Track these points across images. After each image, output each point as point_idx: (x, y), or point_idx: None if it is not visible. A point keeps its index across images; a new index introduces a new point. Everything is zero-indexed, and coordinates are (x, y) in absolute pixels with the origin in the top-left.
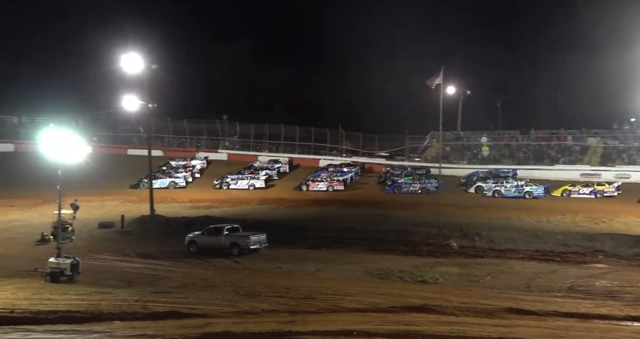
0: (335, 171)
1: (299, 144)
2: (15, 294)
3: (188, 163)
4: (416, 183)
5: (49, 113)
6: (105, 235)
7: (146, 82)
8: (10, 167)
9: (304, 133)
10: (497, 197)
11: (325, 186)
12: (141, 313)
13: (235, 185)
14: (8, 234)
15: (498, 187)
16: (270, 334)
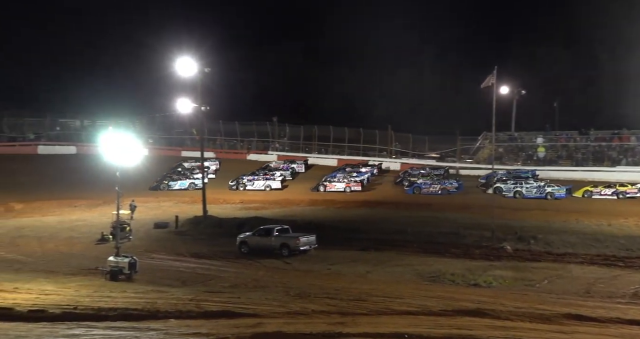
0: (352, 172)
1: (348, 146)
2: (78, 291)
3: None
4: (436, 184)
5: (109, 116)
6: (160, 235)
7: (199, 85)
8: (73, 169)
9: (353, 134)
10: (518, 198)
11: (343, 186)
12: (195, 312)
13: (252, 186)
14: (71, 234)
15: (519, 187)
16: (320, 335)
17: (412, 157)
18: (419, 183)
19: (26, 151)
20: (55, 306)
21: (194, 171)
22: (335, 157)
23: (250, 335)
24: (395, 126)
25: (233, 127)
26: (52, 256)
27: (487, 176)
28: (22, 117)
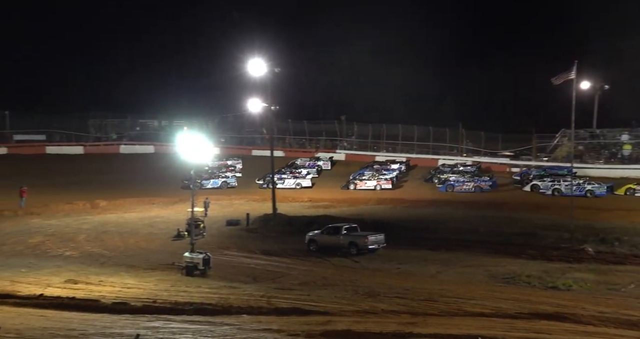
0: (381, 169)
1: (417, 144)
2: (157, 285)
3: (224, 163)
4: (469, 181)
5: (184, 117)
6: (232, 232)
7: (269, 85)
8: (152, 168)
9: (423, 133)
10: (556, 196)
11: (374, 184)
12: (266, 308)
13: (283, 184)
14: (150, 230)
15: (557, 185)
16: (391, 334)
17: (484, 155)
18: (452, 181)
19: (109, 151)
20: (136, 299)
21: (220, 170)
22: (403, 156)
23: (320, 332)
24: (467, 124)
25: (302, 126)
26: (133, 251)
27: (522, 173)
28: (106, 118)
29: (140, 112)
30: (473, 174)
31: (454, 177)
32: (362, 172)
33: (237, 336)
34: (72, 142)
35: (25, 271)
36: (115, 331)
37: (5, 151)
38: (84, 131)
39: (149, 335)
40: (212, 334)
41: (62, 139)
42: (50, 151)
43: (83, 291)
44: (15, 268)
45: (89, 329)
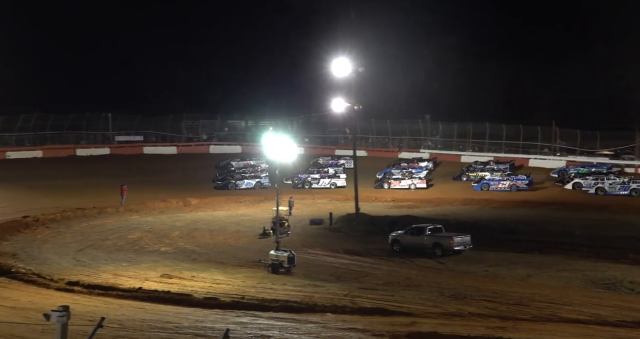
0: (409, 167)
1: (506, 143)
2: (245, 282)
3: (247, 163)
4: (505, 180)
5: (270, 117)
6: (315, 231)
7: (353, 84)
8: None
9: (512, 131)
10: (600, 195)
11: (408, 183)
12: (350, 308)
13: (318, 184)
14: (237, 228)
15: (600, 183)
16: (479, 338)
17: (580, 154)
18: (487, 180)
19: (200, 151)
20: (226, 295)
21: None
22: (491, 155)
23: (405, 334)
24: (561, 122)
25: (385, 125)
26: (222, 248)
27: (559, 170)
28: (197, 120)
29: (229, 114)
30: (504, 172)
31: (488, 176)
32: (389, 170)
33: (321, 334)
34: (167, 142)
35: (125, 265)
36: (207, 325)
37: (107, 151)
38: (177, 132)
39: (238, 330)
40: (298, 331)
41: (158, 139)
42: (147, 151)
43: (177, 285)
44: (117, 261)
45: (183, 323)
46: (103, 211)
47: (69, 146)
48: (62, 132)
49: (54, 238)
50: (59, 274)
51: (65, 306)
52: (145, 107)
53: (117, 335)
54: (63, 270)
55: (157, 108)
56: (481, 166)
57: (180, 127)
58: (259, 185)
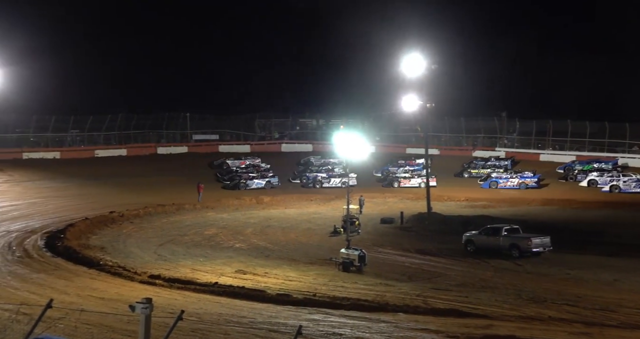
0: (405, 164)
1: (589, 141)
2: (316, 279)
3: (243, 162)
4: (514, 178)
5: (341, 116)
6: (386, 230)
7: (426, 82)
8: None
9: (596, 129)
10: (614, 193)
11: (418, 182)
12: (422, 308)
13: (329, 183)
14: (309, 225)
15: (615, 181)
16: None
17: None
18: (494, 177)
19: (272, 149)
20: (298, 292)
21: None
22: (573, 153)
23: (481, 336)
24: None
25: (458, 123)
26: (294, 245)
27: (565, 166)
28: (270, 118)
29: (301, 113)
30: (506, 168)
31: (495, 173)
32: (387, 168)
33: (394, 334)
34: (241, 141)
35: (202, 260)
36: (280, 321)
37: (186, 150)
38: (250, 131)
39: (310, 327)
40: (370, 330)
41: (232, 138)
42: (222, 150)
43: (251, 281)
44: (195, 257)
45: (257, 318)
46: (181, 208)
47: (151, 144)
48: (144, 131)
49: (137, 233)
50: (142, 267)
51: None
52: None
53: (196, 328)
54: (145, 264)
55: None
56: (482, 162)
57: (254, 126)
58: (269, 185)
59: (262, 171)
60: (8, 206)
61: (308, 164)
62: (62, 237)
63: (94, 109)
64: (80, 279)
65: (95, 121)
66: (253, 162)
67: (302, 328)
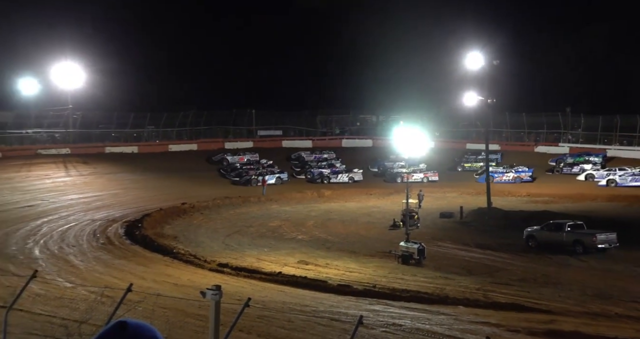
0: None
1: None
2: (376, 271)
3: (242, 158)
4: (509, 172)
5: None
6: (445, 224)
7: (487, 78)
8: (370, 160)
9: None
10: (611, 187)
11: (421, 177)
12: (483, 301)
13: (336, 179)
14: (368, 219)
15: (612, 175)
16: None
17: None
18: (492, 172)
19: (333, 144)
20: (358, 283)
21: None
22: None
23: (544, 331)
24: None
25: (520, 118)
26: (354, 238)
27: (557, 158)
28: (331, 114)
29: (361, 108)
30: (497, 162)
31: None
32: (383, 163)
33: (454, 327)
34: (303, 136)
35: (267, 250)
36: (341, 311)
37: (251, 145)
38: (312, 127)
39: (370, 317)
40: (430, 322)
41: (295, 134)
42: (285, 145)
43: (313, 271)
44: (260, 247)
45: (319, 307)
46: (247, 200)
47: (219, 139)
48: (213, 127)
49: (206, 223)
50: (211, 256)
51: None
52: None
53: (262, 315)
54: (214, 253)
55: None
56: (474, 157)
57: (316, 122)
58: (279, 180)
59: (266, 167)
60: (92, 197)
61: (299, 159)
62: (139, 226)
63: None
64: (155, 266)
65: (169, 117)
66: (252, 158)
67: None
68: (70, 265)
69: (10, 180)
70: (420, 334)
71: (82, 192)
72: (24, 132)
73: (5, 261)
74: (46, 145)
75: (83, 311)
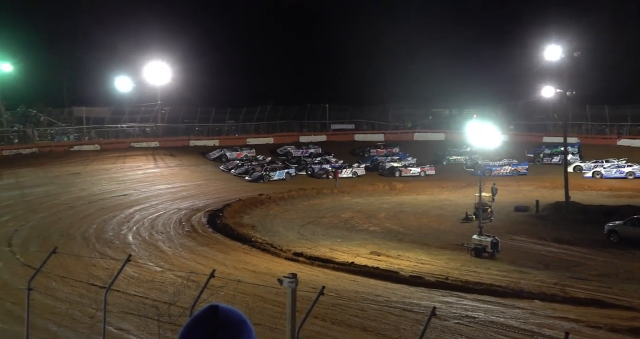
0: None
1: None
2: (448, 263)
3: (240, 154)
4: (506, 165)
5: (474, 105)
6: (520, 218)
7: (566, 70)
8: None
9: None
10: (597, 178)
11: (418, 171)
12: (560, 296)
13: (341, 174)
14: (440, 212)
15: (598, 167)
16: None
17: None
18: (489, 165)
19: (405, 138)
20: (430, 275)
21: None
22: None
23: (626, 328)
24: None
25: (602, 111)
26: (425, 230)
27: (535, 150)
28: (403, 108)
29: (433, 102)
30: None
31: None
32: (376, 158)
33: (530, 321)
34: (375, 130)
35: (339, 241)
36: (414, 302)
37: (324, 138)
38: (384, 121)
39: (443, 309)
40: (504, 315)
41: (367, 127)
42: (357, 138)
43: (384, 262)
44: (333, 237)
45: (392, 297)
46: (320, 192)
47: (294, 133)
48: (288, 121)
49: (282, 214)
50: (287, 245)
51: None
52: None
53: (335, 303)
54: (290, 242)
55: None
56: (456, 149)
57: (388, 116)
58: (289, 176)
59: (266, 163)
60: (179, 187)
61: (287, 155)
62: (220, 215)
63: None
64: (235, 253)
65: (248, 112)
66: (249, 154)
67: (435, 309)
68: (159, 250)
69: (108, 171)
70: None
71: (169, 183)
72: (119, 127)
73: (104, 246)
74: (138, 138)
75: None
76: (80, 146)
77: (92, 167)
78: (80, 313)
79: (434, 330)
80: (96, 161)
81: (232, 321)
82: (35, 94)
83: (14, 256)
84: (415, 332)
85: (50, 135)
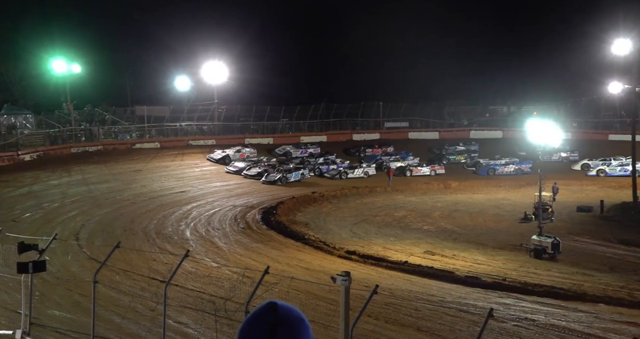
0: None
1: None
2: (505, 264)
3: (243, 155)
4: (511, 164)
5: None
6: (583, 218)
7: (636, 65)
8: (499, 152)
9: None
10: (601, 176)
11: (428, 170)
12: (628, 300)
13: (352, 174)
14: (497, 211)
15: (602, 165)
16: None
17: None
18: (493, 164)
19: (461, 136)
20: (487, 275)
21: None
22: None
23: None
24: None
25: None
26: (481, 230)
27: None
28: (459, 106)
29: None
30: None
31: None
32: (379, 157)
33: (594, 325)
34: (429, 128)
35: (393, 240)
36: (469, 303)
37: (378, 136)
38: (439, 118)
39: (501, 310)
40: (566, 318)
41: (422, 125)
42: (411, 136)
43: (439, 262)
44: (386, 236)
45: (447, 298)
46: (373, 190)
47: (347, 131)
48: (342, 119)
49: (334, 212)
50: (339, 243)
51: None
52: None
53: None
54: (342, 240)
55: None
56: (453, 148)
57: (443, 113)
58: (303, 177)
59: (268, 164)
60: (234, 184)
61: (287, 155)
62: (274, 213)
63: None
64: (289, 251)
65: (301, 110)
66: (251, 154)
67: (493, 310)
68: (216, 247)
69: (167, 168)
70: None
71: (224, 181)
72: (178, 125)
73: (164, 241)
74: (195, 136)
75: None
76: (142, 144)
77: (153, 164)
78: (142, 306)
79: (491, 332)
80: (156, 159)
81: (290, 318)
82: (101, 94)
83: (81, 249)
84: (471, 333)
85: (114, 133)
